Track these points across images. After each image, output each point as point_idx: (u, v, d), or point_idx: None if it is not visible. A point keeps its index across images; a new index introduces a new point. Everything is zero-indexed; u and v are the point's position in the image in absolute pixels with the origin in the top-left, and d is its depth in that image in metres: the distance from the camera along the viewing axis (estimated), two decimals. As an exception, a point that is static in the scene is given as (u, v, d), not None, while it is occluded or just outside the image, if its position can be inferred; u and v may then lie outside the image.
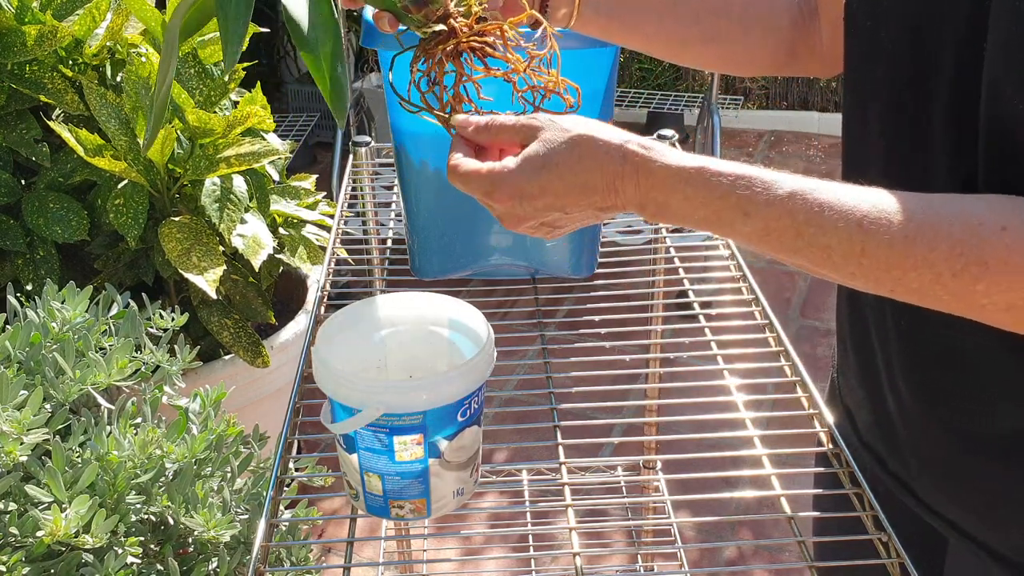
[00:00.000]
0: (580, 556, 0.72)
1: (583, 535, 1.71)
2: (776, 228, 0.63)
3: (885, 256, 0.61)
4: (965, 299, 0.60)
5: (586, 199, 0.67)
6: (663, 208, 0.66)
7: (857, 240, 0.61)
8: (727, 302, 1.03)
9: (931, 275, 0.60)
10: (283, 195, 1.82)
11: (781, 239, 0.64)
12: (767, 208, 0.63)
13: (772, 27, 0.88)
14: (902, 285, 0.62)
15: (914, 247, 0.60)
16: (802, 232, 0.63)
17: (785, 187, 0.63)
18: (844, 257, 0.62)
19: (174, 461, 1.05)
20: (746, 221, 0.64)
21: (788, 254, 0.64)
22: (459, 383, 0.70)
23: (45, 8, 1.64)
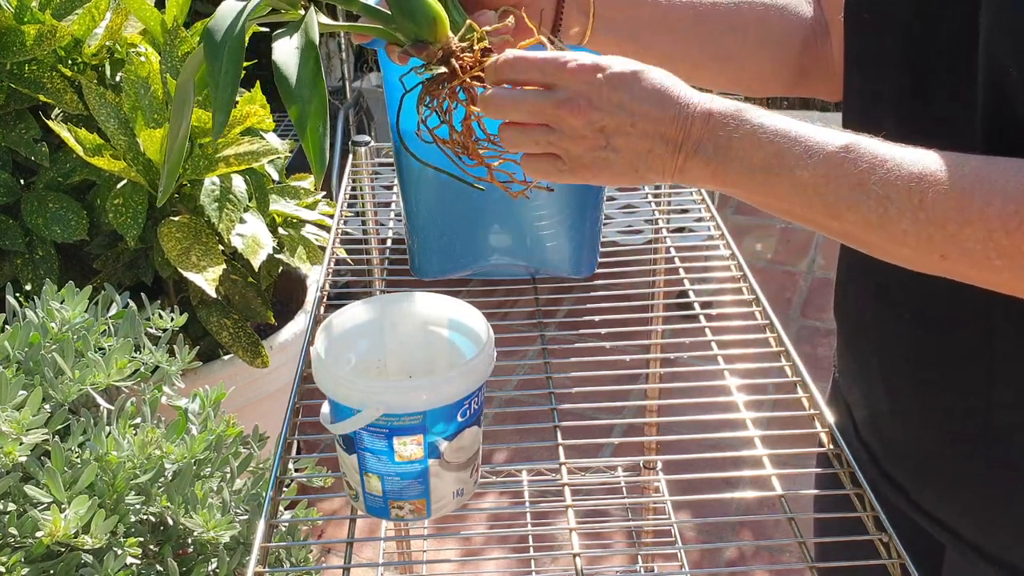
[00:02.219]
0: (580, 557, 0.72)
1: (583, 536, 1.71)
2: (837, 175, 0.62)
3: (943, 209, 0.59)
4: (1016, 262, 0.59)
5: (659, 115, 0.66)
6: (724, 148, 0.65)
7: (916, 191, 0.60)
8: (728, 302, 1.03)
9: (984, 232, 0.59)
10: (282, 195, 1.82)
11: (839, 189, 0.62)
12: (830, 153, 0.63)
13: (785, 47, 0.87)
14: (955, 245, 0.60)
15: (972, 200, 0.59)
16: (863, 181, 0.61)
17: (842, 138, 0.63)
18: (900, 210, 0.61)
19: (173, 461, 1.05)
20: (807, 165, 0.63)
21: (842, 207, 0.63)
22: (459, 383, 0.70)
23: (44, 7, 1.64)
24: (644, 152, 0.67)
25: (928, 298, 0.76)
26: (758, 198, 0.66)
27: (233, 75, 0.67)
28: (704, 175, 0.66)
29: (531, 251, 1.05)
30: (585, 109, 0.66)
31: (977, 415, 0.76)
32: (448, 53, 0.71)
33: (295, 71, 0.68)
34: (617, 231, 1.83)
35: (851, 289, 0.86)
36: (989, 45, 0.64)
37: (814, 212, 0.64)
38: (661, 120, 0.66)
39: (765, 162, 0.64)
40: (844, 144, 0.63)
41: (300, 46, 0.68)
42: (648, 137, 0.66)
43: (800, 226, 0.69)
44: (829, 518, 0.87)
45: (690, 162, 0.66)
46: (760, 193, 0.66)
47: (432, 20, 0.71)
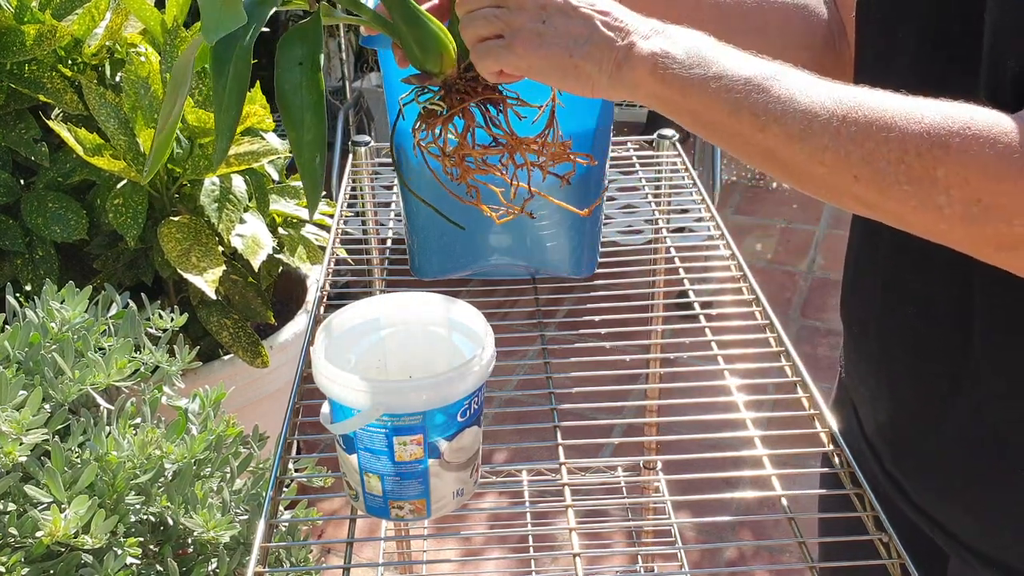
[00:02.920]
0: (580, 557, 0.72)
1: (583, 536, 1.71)
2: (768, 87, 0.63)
3: (864, 125, 0.61)
4: (925, 190, 0.59)
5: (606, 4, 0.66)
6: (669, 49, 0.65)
7: (842, 107, 0.61)
8: (727, 302, 1.03)
9: (899, 151, 0.60)
10: (282, 195, 1.81)
11: (768, 99, 0.63)
12: (766, 67, 0.64)
13: (807, 48, 0.87)
14: (868, 165, 0.61)
15: (893, 120, 0.60)
16: (793, 96, 0.63)
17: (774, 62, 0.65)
18: (824, 124, 0.62)
19: (173, 461, 1.05)
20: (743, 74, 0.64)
21: (769, 119, 0.63)
22: (459, 383, 0.70)
23: (44, 8, 1.64)
24: (582, 37, 0.67)
25: (934, 295, 0.76)
26: (691, 104, 0.66)
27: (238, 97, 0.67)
28: (643, 71, 0.66)
29: (531, 251, 1.05)
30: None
31: (978, 415, 0.76)
32: (449, 83, 0.72)
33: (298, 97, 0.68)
34: (617, 231, 1.83)
35: (858, 287, 0.86)
36: (992, 38, 0.64)
37: (741, 123, 0.64)
38: (604, 11, 0.67)
39: (704, 68, 0.65)
40: (778, 66, 0.65)
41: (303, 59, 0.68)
42: (589, 24, 0.66)
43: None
44: (830, 518, 0.87)
45: (631, 55, 0.66)
46: (693, 99, 0.65)
47: (439, 56, 0.71)
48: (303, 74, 0.68)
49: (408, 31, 0.71)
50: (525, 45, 0.67)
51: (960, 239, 0.61)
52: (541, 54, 0.67)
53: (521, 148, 0.74)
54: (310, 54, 0.69)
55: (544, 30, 0.67)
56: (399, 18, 0.70)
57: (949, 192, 0.58)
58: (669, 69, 0.65)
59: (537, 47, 0.67)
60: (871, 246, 0.83)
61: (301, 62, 0.68)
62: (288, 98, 0.68)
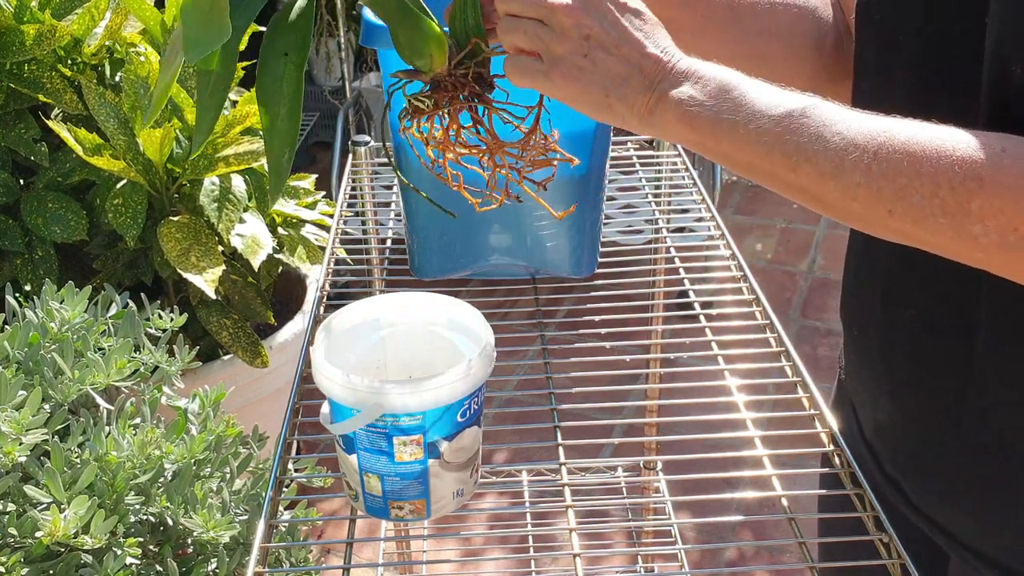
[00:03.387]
0: (580, 557, 0.72)
1: (583, 536, 1.71)
2: (797, 126, 0.64)
3: (896, 161, 0.61)
4: (960, 222, 0.60)
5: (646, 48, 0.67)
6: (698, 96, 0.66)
7: (872, 143, 0.62)
8: (728, 302, 1.03)
9: (932, 186, 0.60)
10: (282, 194, 1.81)
11: (799, 139, 0.64)
12: (793, 107, 0.65)
13: (815, 48, 0.87)
14: (902, 200, 0.61)
15: (924, 154, 0.61)
16: (823, 132, 0.63)
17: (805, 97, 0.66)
18: (855, 162, 0.62)
19: (173, 462, 1.05)
20: (772, 115, 0.65)
21: (800, 159, 0.64)
22: (459, 383, 0.70)
23: (44, 7, 1.64)
24: (620, 77, 0.67)
25: (933, 301, 0.76)
26: (723, 148, 0.67)
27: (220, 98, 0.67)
28: (672, 119, 0.67)
29: (531, 251, 1.05)
30: (578, 11, 0.67)
31: (983, 420, 0.76)
32: (437, 79, 0.72)
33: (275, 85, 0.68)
34: (617, 231, 1.82)
35: (858, 291, 0.86)
36: (996, 46, 0.64)
37: (774, 164, 0.65)
38: (647, 54, 0.67)
39: (733, 113, 0.65)
40: (807, 100, 0.65)
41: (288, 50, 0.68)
42: (629, 64, 0.67)
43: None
44: (831, 518, 0.87)
45: (662, 104, 0.67)
46: (724, 143, 0.66)
47: (429, 55, 0.71)
48: (286, 66, 0.68)
49: (400, 27, 0.70)
50: (564, 77, 0.68)
51: (999, 266, 0.62)
52: (579, 88, 0.68)
53: (501, 152, 0.74)
54: (298, 46, 0.68)
55: (585, 65, 0.67)
56: (392, 13, 0.70)
57: (984, 223, 0.59)
58: (697, 117, 0.66)
59: (575, 80, 0.67)
60: (871, 250, 0.83)
61: (287, 52, 0.68)
62: (267, 88, 0.68)
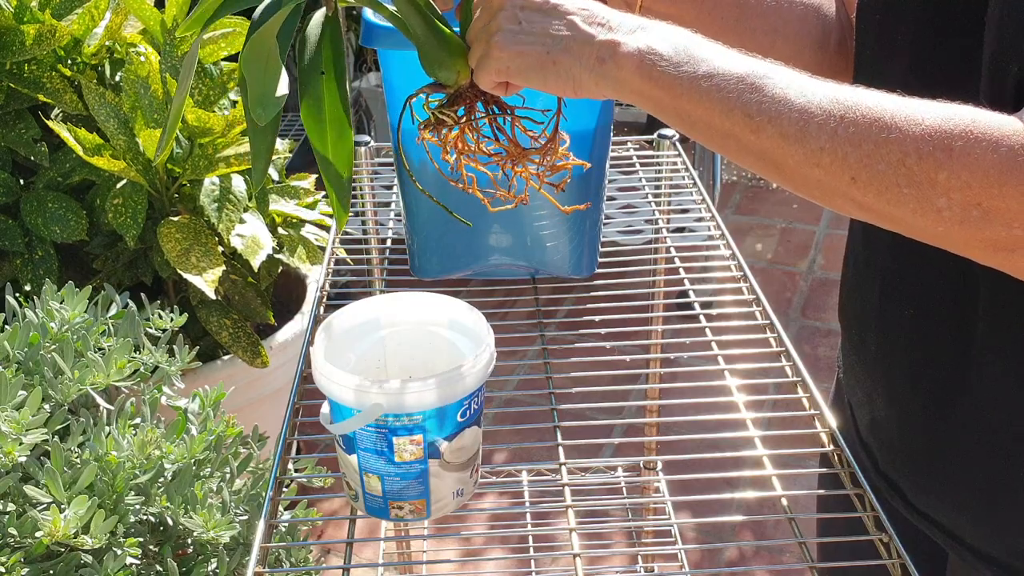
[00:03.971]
0: (580, 557, 0.72)
1: (583, 536, 1.71)
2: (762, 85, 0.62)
3: (863, 126, 0.60)
4: (924, 193, 0.59)
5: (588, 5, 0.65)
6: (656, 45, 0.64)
7: (839, 107, 0.60)
8: (728, 302, 1.03)
9: (899, 153, 0.59)
10: (282, 194, 1.81)
11: (762, 99, 0.62)
12: (758, 65, 0.63)
13: (821, 47, 0.87)
14: (867, 167, 0.60)
15: (893, 121, 0.59)
16: (788, 95, 0.62)
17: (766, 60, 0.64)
18: (820, 125, 0.60)
19: (173, 462, 1.05)
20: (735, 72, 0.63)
21: (763, 119, 0.62)
22: (459, 383, 0.70)
23: (44, 7, 1.64)
24: (559, 36, 0.65)
25: (931, 294, 0.76)
26: (681, 104, 0.64)
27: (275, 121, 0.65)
28: (629, 68, 0.64)
29: (531, 251, 1.05)
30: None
31: (980, 418, 0.76)
32: (459, 93, 0.72)
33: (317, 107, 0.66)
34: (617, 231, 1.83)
35: (856, 289, 0.86)
36: (995, 44, 0.64)
37: (734, 124, 0.63)
38: (585, 6, 0.65)
39: (694, 67, 0.63)
40: (770, 64, 0.64)
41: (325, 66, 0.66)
42: (567, 19, 0.65)
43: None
44: (830, 518, 0.87)
45: (616, 52, 0.64)
46: (683, 99, 0.64)
47: (455, 70, 0.71)
48: (327, 84, 0.66)
49: (425, 41, 0.70)
50: (500, 46, 0.66)
51: (956, 241, 0.61)
52: (516, 52, 0.66)
53: (523, 158, 0.74)
54: (333, 59, 0.66)
55: (520, 30, 0.66)
56: (417, 26, 0.69)
57: (949, 195, 0.58)
58: (656, 67, 0.64)
59: (512, 45, 0.66)
60: (869, 248, 0.83)
61: (323, 71, 0.66)
62: (312, 112, 0.65)
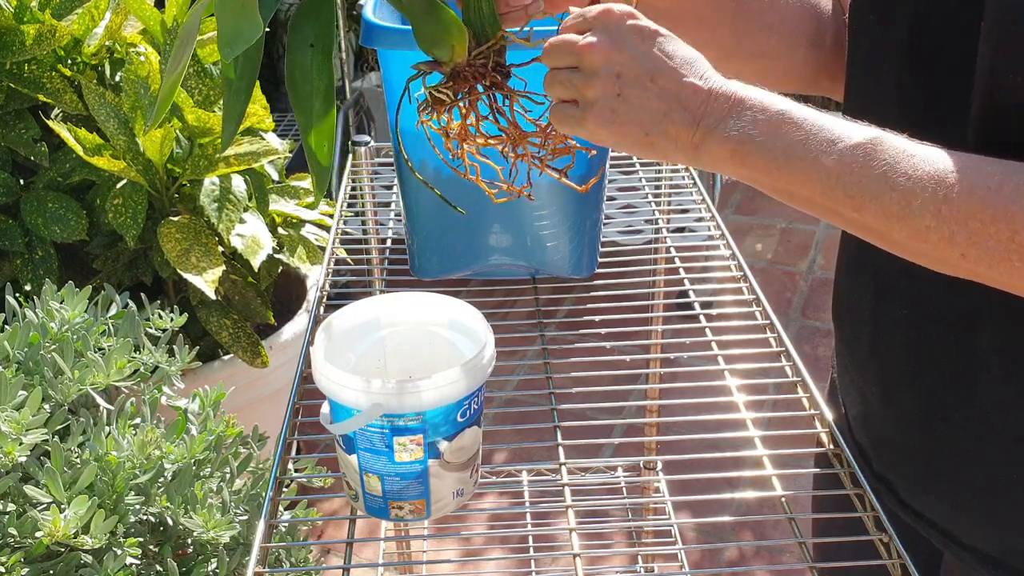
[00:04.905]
0: (580, 557, 0.72)
1: (583, 536, 1.71)
2: (861, 165, 0.61)
3: (967, 205, 0.58)
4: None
5: (683, 78, 0.63)
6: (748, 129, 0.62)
7: (942, 186, 0.59)
8: (728, 302, 1.03)
9: (1008, 231, 0.58)
10: (282, 195, 1.81)
11: (862, 179, 0.61)
12: (856, 143, 0.61)
13: (817, 44, 0.86)
14: (976, 244, 0.59)
15: (998, 198, 0.58)
16: (888, 173, 0.60)
17: (868, 130, 0.62)
18: (924, 204, 0.59)
19: (173, 462, 1.05)
20: (832, 152, 0.61)
21: (865, 198, 0.61)
22: (459, 383, 0.70)
23: (44, 7, 1.64)
24: (659, 113, 0.64)
25: (924, 295, 0.76)
26: (779, 184, 0.64)
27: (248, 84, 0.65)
28: (723, 154, 0.64)
29: (531, 251, 1.05)
30: (605, 47, 0.64)
31: (970, 415, 0.76)
32: (457, 70, 0.71)
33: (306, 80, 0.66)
34: (617, 231, 1.83)
35: (850, 289, 0.86)
36: (992, 53, 0.64)
37: (835, 202, 0.62)
38: (684, 84, 0.63)
39: (789, 148, 0.62)
40: (871, 136, 0.62)
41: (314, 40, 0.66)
42: (666, 98, 0.64)
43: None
44: (830, 518, 0.87)
45: (709, 138, 0.64)
46: (782, 180, 0.63)
47: (450, 46, 0.71)
48: (314, 57, 0.66)
49: (421, 18, 0.70)
50: (597, 121, 0.65)
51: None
52: (614, 130, 0.65)
53: (524, 141, 0.74)
54: (323, 33, 0.66)
55: (618, 105, 0.64)
56: (414, 4, 0.69)
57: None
58: (750, 152, 0.63)
59: (610, 123, 0.65)
60: (863, 249, 0.83)
61: (312, 43, 0.66)
62: (298, 83, 0.66)
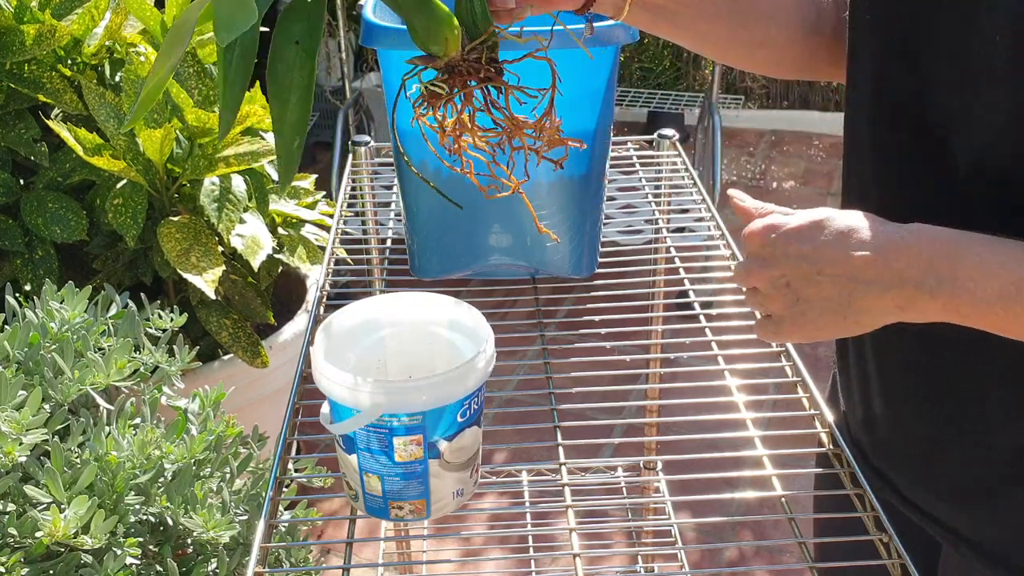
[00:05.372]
0: (580, 557, 0.72)
1: (583, 536, 1.71)
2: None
3: None
4: None
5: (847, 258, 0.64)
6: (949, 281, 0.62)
7: None
8: (728, 302, 1.03)
9: None
10: (282, 195, 1.81)
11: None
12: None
13: (817, 32, 0.86)
14: None
15: None
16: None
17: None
18: None
19: (173, 462, 1.05)
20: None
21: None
22: (459, 383, 0.70)
23: (44, 7, 1.64)
24: (842, 298, 0.65)
25: None
26: (996, 327, 0.64)
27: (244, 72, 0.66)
28: (934, 309, 0.64)
29: (531, 251, 1.05)
30: (760, 270, 0.67)
31: (971, 409, 0.76)
32: (452, 64, 0.72)
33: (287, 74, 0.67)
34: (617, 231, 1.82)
35: None
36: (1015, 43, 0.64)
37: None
38: (851, 263, 0.64)
39: (1002, 291, 0.62)
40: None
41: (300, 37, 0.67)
42: (840, 282, 0.65)
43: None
44: (830, 518, 0.87)
45: (913, 299, 0.64)
46: (997, 325, 0.64)
47: (443, 40, 0.71)
48: (297, 54, 0.67)
49: (414, 13, 0.70)
50: (794, 329, 0.68)
51: None
52: (814, 328, 0.67)
53: (519, 132, 0.74)
54: (309, 33, 0.67)
55: (803, 308, 0.67)
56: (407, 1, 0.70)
57: None
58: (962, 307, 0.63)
59: (805, 326, 0.67)
60: None
61: (298, 40, 0.67)
62: (279, 76, 0.67)
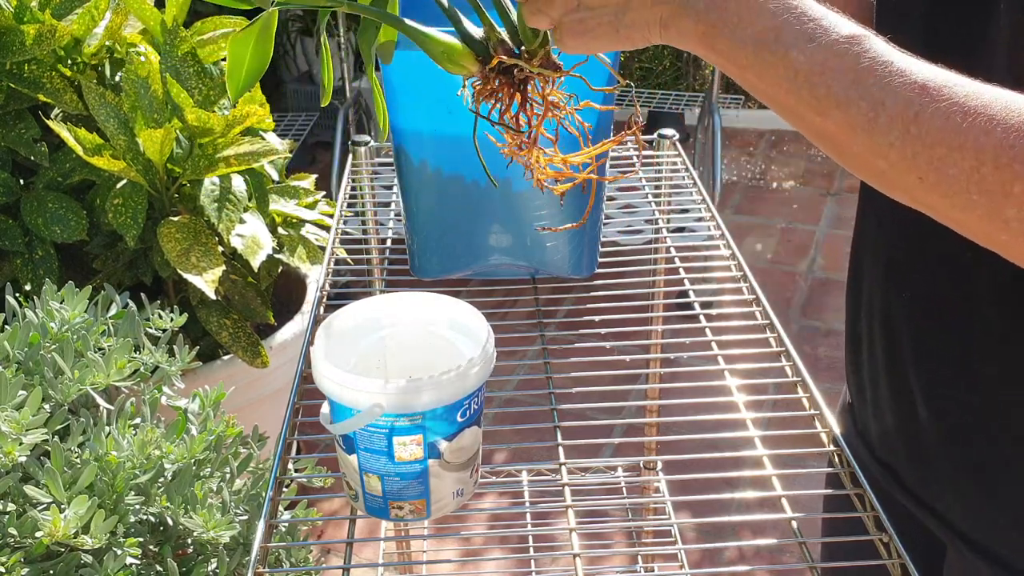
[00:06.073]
0: (580, 557, 0.72)
1: (583, 536, 1.71)
2: (834, 67, 0.57)
3: (938, 128, 0.55)
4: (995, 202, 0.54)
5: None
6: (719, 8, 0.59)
7: (915, 103, 0.55)
8: (728, 302, 1.03)
9: (974, 161, 0.54)
10: (282, 195, 1.81)
11: (832, 82, 0.57)
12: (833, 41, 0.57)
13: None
14: (937, 169, 0.55)
15: (971, 125, 0.54)
16: (861, 79, 0.56)
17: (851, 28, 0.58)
18: (892, 120, 0.56)
19: (173, 462, 1.05)
20: (805, 49, 0.57)
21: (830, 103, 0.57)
22: (459, 383, 0.70)
23: (44, 7, 1.64)
24: (619, 8, 0.63)
25: (931, 278, 0.76)
26: (745, 75, 0.61)
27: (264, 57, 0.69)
28: (691, 34, 0.62)
29: (531, 251, 1.05)
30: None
31: (975, 400, 0.76)
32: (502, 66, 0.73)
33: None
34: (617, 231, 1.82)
35: (863, 269, 0.86)
36: None
37: (799, 103, 0.59)
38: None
39: (760, 35, 0.59)
40: (851, 34, 0.58)
41: None
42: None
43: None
44: (830, 518, 0.87)
45: (677, 17, 0.62)
46: (747, 69, 0.60)
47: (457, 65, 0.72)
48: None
49: (427, 46, 0.73)
50: (571, 35, 0.66)
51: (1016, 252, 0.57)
52: (588, 38, 0.65)
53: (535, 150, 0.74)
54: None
55: (582, 17, 0.65)
56: (416, 37, 0.73)
57: (1021, 207, 0.54)
58: (717, 37, 0.60)
59: (582, 33, 0.65)
60: (881, 233, 0.83)
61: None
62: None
